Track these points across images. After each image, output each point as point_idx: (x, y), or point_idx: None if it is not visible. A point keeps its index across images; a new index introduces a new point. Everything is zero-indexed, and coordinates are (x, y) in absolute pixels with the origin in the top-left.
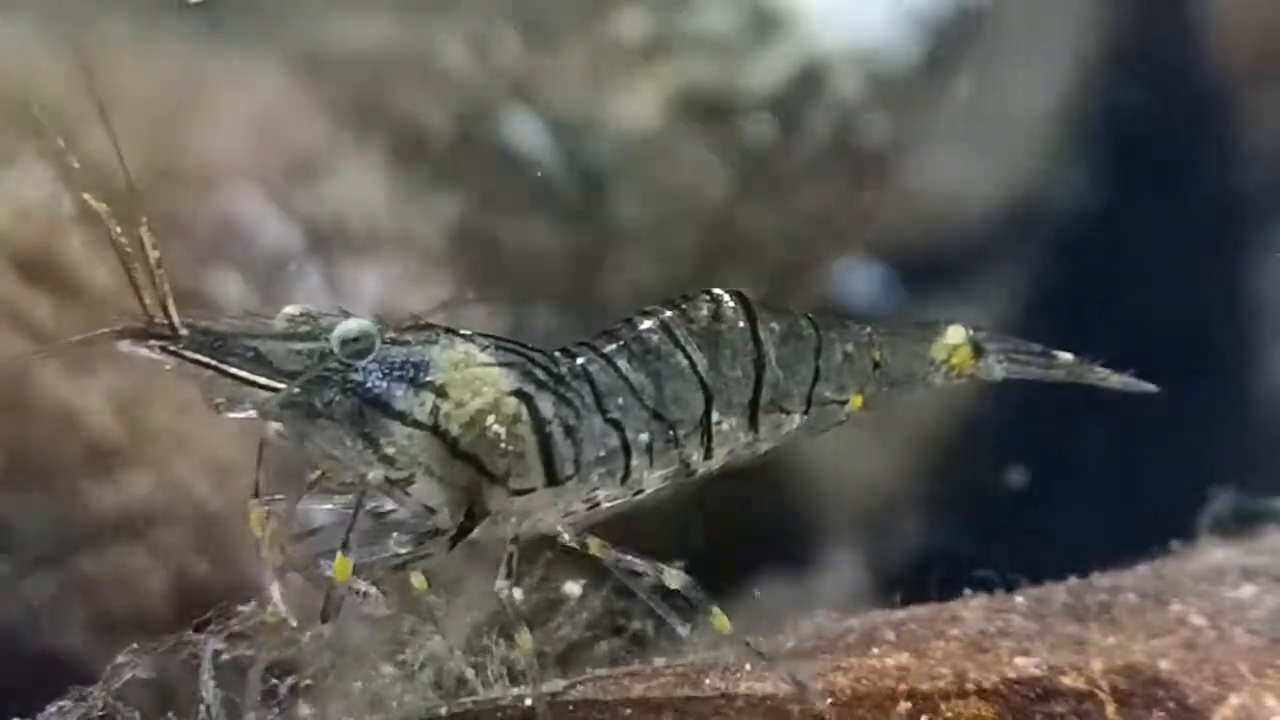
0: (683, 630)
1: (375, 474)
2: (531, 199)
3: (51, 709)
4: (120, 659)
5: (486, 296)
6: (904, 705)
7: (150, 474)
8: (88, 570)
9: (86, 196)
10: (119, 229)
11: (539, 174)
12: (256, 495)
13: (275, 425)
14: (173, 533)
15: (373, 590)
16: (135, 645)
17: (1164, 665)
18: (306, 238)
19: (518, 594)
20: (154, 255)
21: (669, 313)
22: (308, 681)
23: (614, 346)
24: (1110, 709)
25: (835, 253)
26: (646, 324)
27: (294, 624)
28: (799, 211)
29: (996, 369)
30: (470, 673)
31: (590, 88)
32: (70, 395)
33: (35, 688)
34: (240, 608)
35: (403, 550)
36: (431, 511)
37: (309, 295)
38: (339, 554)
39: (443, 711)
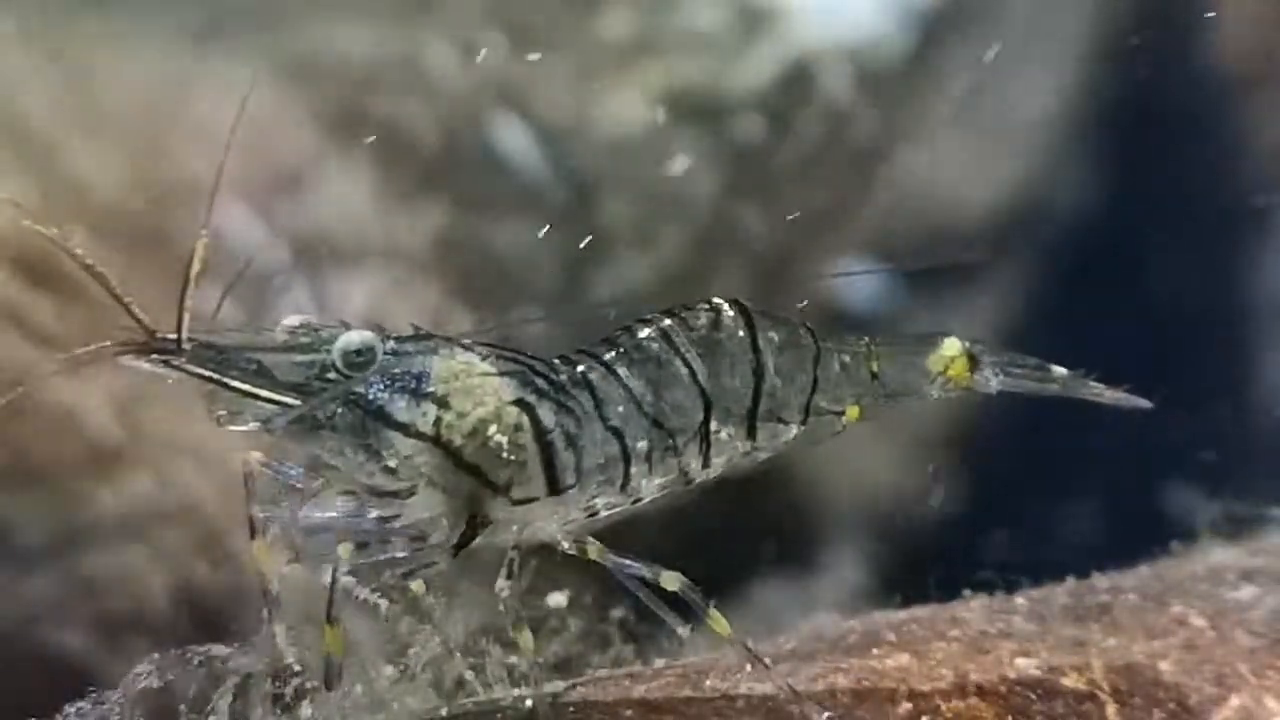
0: (682, 631)
1: (345, 547)
2: (519, 203)
3: (70, 709)
4: (140, 668)
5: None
6: (905, 706)
7: (151, 475)
8: (88, 571)
9: (35, 225)
10: (83, 253)
11: None
12: (253, 535)
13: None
14: (173, 533)
15: (379, 601)
16: (156, 655)
17: (1164, 666)
18: (292, 248)
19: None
20: (196, 270)
21: (668, 321)
22: (312, 683)
23: (614, 354)
24: (1111, 709)
25: (827, 253)
26: (646, 332)
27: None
28: (790, 211)
29: (993, 381)
30: (470, 674)
31: (578, 90)
32: (71, 396)
33: (37, 688)
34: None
35: (406, 557)
36: (424, 538)
37: (295, 306)
38: (328, 627)
39: (443, 713)
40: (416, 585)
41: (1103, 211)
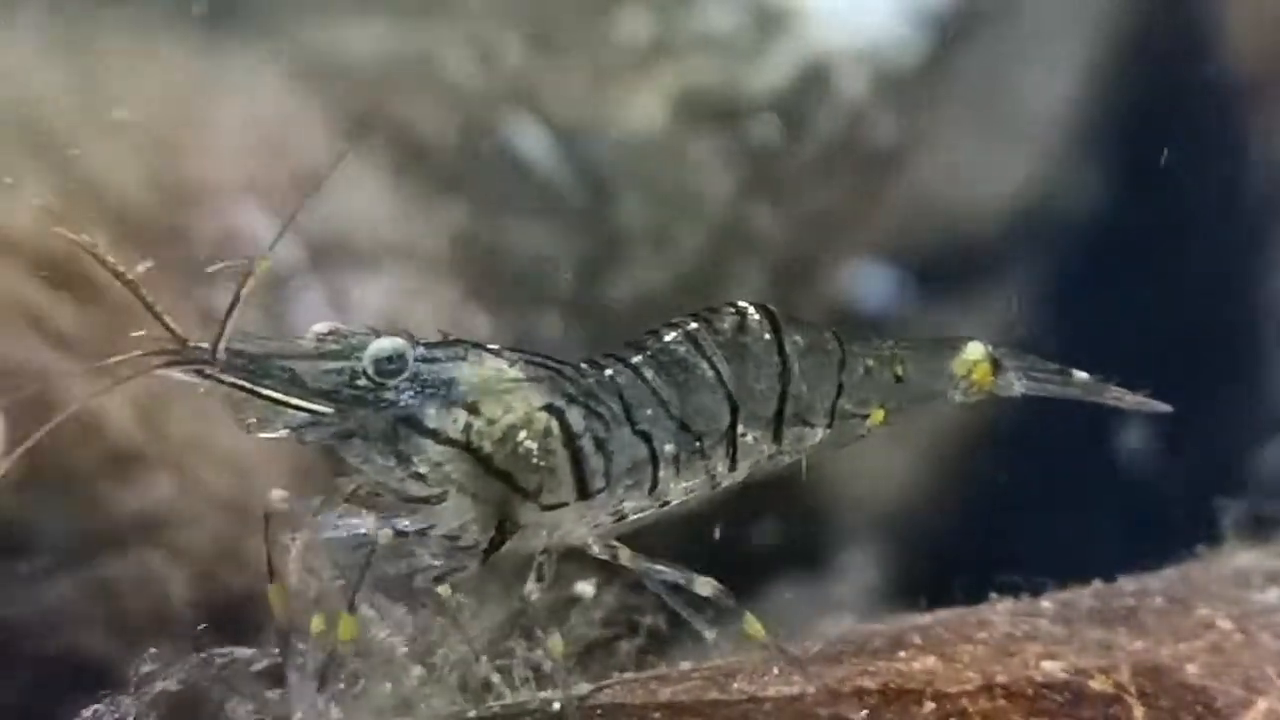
0: (710, 635)
1: (385, 532)
2: (536, 205)
3: (87, 713)
4: (146, 667)
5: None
6: (931, 708)
7: (171, 477)
8: (108, 573)
9: (65, 232)
10: (113, 259)
11: None
12: (272, 579)
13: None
14: (194, 536)
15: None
16: (155, 651)
17: (1191, 669)
18: (310, 250)
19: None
20: (248, 290)
21: (694, 324)
22: (339, 685)
23: (641, 357)
24: (1138, 713)
25: (843, 254)
26: (672, 335)
27: None
28: (806, 213)
29: (1015, 385)
30: (496, 676)
31: (594, 91)
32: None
33: (56, 690)
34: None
35: (436, 562)
36: (455, 539)
37: (313, 309)
38: (345, 615)
39: (470, 714)
40: (444, 589)
41: (1115, 213)
